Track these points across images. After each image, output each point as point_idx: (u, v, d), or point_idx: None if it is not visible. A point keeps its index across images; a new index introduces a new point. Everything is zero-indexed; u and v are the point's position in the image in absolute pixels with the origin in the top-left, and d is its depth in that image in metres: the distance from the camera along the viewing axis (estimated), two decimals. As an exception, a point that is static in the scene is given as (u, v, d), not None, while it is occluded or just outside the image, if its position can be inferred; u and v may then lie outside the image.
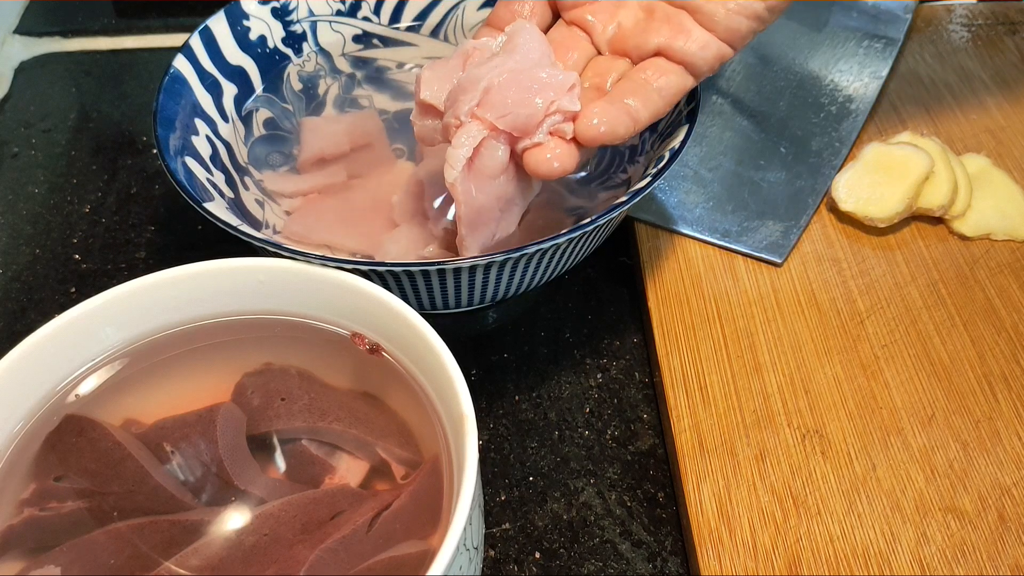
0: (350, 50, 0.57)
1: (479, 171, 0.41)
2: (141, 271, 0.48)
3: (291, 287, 0.39)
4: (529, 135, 0.41)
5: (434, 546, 0.32)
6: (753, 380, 0.45)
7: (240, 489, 0.34)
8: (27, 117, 0.63)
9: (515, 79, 0.40)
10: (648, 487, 0.43)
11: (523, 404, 0.47)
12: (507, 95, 0.40)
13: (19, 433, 0.35)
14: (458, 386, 0.33)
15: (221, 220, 0.41)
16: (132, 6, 0.73)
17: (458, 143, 0.40)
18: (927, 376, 0.45)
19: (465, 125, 0.40)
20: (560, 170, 0.41)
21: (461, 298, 0.44)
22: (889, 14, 0.65)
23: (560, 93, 0.41)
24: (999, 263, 0.50)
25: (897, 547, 0.39)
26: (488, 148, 0.40)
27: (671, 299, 0.49)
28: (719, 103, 0.59)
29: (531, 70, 0.41)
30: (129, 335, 0.38)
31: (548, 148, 0.41)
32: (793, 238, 0.51)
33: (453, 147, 0.40)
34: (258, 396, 0.37)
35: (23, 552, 0.33)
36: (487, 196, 0.41)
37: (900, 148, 0.53)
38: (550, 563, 0.41)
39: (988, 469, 0.42)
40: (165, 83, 0.48)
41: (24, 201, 0.57)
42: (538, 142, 0.41)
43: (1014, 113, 0.59)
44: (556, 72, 0.41)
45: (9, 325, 0.51)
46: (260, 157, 0.52)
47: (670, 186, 0.54)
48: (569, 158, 0.41)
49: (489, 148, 0.40)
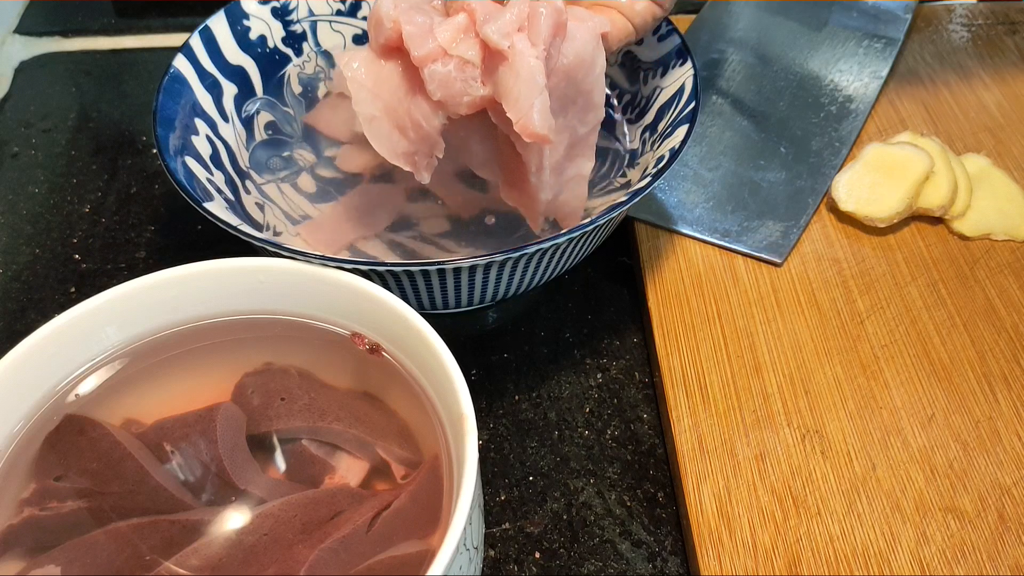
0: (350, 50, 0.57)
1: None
2: (141, 271, 0.48)
3: (291, 287, 0.39)
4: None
5: (434, 546, 0.32)
6: (753, 380, 0.45)
7: (240, 489, 0.34)
8: (27, 117, 0.63)
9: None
10: (648, 487, 0.43)
11: (523, 404, 0.47)
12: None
13: (19, 433, 0.35)
14: (458, 386, 0.33)
15: (221, 220, 0.41)
16: (132, 6, 0.73)
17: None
18: (927, 376, 0.45)
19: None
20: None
21: (461, 298, 0.44)
22: (889, 14, 0.65)
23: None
24: (999, 263, 0.50)
25: (897, 547, 0.39)
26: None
27: (671, 299, 0.49)
28: (719, 103, 0.59)
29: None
30: (129, 335, 0.38)
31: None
32: (793, 238, 0.51)
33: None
34: (258, 396, 0.37)
35: (23, 552, 0.33)
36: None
37: (900, 148, 0.53)
38: (550, 563, 0.41)
39: (988, 469, 0.42)
40: (165, 83, 0.48)
41: (24, 201, 0.57)
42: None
43: (1014, 113, 0.59)
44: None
45: (9, 325, 0.51)
46: (261, 161, 0.52)
47: (670, 186, 0.54)
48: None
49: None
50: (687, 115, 0.47)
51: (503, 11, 0.39)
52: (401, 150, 0.42)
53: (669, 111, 0.49)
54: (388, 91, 0.41)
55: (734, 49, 0.63)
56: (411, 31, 0.39)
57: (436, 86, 0.40)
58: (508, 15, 0.39)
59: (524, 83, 0.38)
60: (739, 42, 0.64)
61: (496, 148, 0.45)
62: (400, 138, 0.42)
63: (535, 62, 0.38)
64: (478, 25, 0.39)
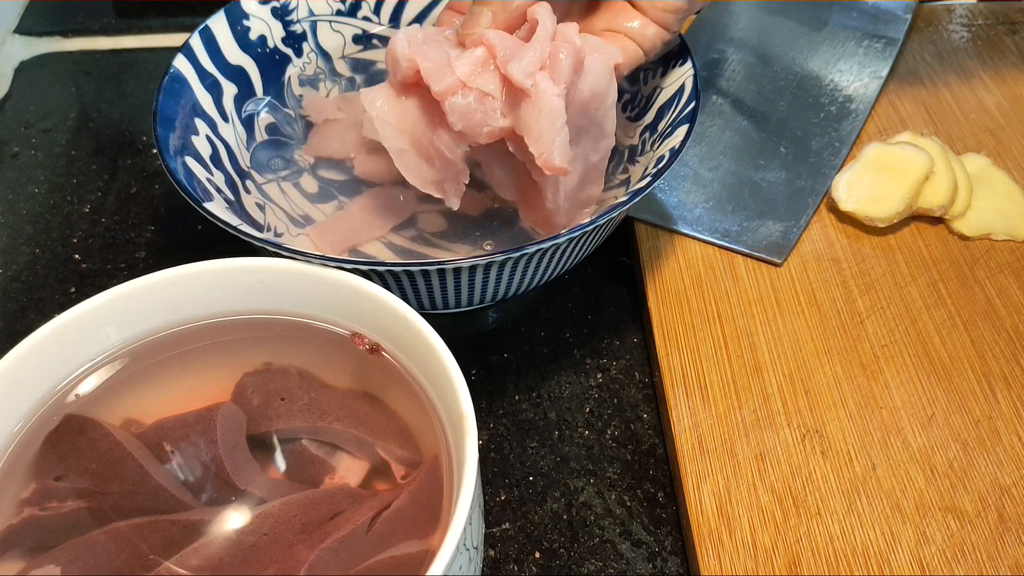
0: (350, 52, 0.57)
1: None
2: (141, 271, 0.48)
3: (291, 287, 0.39)
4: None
5: (434, 546, 0.32)
6: (753, 380, 0.45)
7: (240, 489, 0.34)
8: (27, 117, 0.63)
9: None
10: (648, 487, 0.43)
11: (523, 404, 0.47)
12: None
13: (19, 433, 0.35)
14: (458, 386, 0.33)
15: (221, 220, 0.41)
16: (132, 6, 0.73)
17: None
18: (927, 376, 0.45)
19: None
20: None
21: (461, 298, 0.44)
22: (889, 14, 0.65)
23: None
24: (999, 263, 0.50)
25: (897, 547, 0.39)
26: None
27: (671, 299, 0.49)
28: (719, 103, 0.59)
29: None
30: (129, 335, 0.38)
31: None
32: (793, 238, 0.51)
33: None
34: (258, 396, 0.37)
35: (23, 552, 0.33)
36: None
37: (900, 148, 0.53)
38: (550, 563, 0.41)
39: (988, 469, 0.42)
40: (165, 83, 0.48)
41: (24, 201, 0.57)
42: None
43: (1014, 113, 0.59)
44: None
45: (9, 325, 0.51)
46: (262, 161, 0.52)
47: (670, 186, 0.54)
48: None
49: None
50: (687, 115, 0.47)
51: (524, 48, 0.41)
52: (430, 179, 0.44)
53: (669, 111, 0.49)
54: (412, 125, 0.43)
55: (734, 49, 0.63)
56: (429, 68, 0.41)
57: (457, 117, 0.41)
58: (531, 54, 0.40)
59: (546, 121, 0.40)
60: (739, 42, 0.64)
61: (515, 173, 0.47)
62: (428, 168, 0.44)
63: (557, 100, 0.40)
64: (500, 62, 0.41)
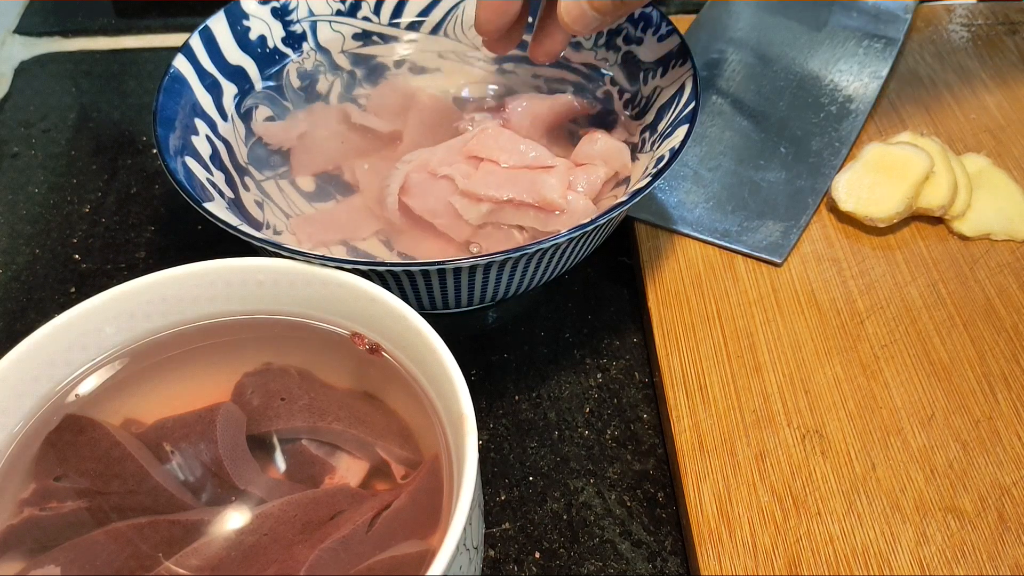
0: (349, 47, 0.57)
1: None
2: (141, 271, 0.48)
3: (291, 287, 0.39)
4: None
5: (434, 546, 0.32)
6: (753, 380, 0.45)
7: (240, 489, 0.34)
8: (27, 117, 0.63)
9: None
10: (648, 487, 0.43)
11: (523, 404, 0.47)
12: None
13: (19, 433, 0.35)
14: (458, 386, 0.33)
15: (221, 220, 0.41)
16: (132, 6, 0.73)
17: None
18: (927, 376, 0.45)
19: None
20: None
21: (461, 298, 0.44)
22: (889, 14, 0.65)
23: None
24: (999, 263, 0.50)
25: (897, 547, 0.39)
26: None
27: (671, 299, 0.49)
28: (719, 103, 0.59)
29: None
30: (129, 335, 0.38)
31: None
32: (793, 238, 0.51)
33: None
34: (258, 396, 0.37)
35: (23, 552, 0.33)
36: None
37: (900, 148, 0.53)
38: (550, 563, 0.41)
39: (988, 469, 0.42)
40: (165, 83, 0.48)
41: (24, 201, 0.57)
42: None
43: (1014, 113, 0.59)
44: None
45: (9, 325, 0.51)
46: (261, 158, 0.51)
47: (670, 186, 0.54)
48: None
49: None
50: (687, 115, 0.47)
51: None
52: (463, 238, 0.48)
53: (669, 111, 0.49)
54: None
55: (734, 49, 0.63)
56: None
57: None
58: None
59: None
60: (739, 42, 0.64)
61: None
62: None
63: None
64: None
